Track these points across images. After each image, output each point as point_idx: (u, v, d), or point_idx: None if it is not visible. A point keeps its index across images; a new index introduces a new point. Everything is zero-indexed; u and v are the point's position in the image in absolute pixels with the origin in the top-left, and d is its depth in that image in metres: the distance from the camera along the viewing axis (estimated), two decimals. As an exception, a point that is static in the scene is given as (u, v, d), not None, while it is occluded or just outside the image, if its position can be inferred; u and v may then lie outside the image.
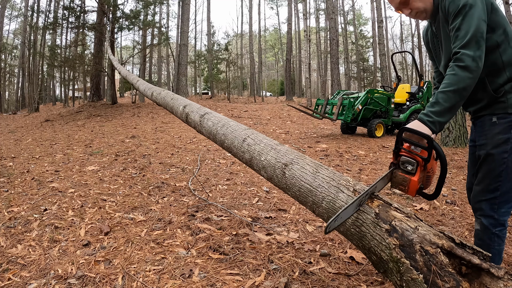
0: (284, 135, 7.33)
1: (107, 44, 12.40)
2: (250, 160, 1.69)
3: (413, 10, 1.34)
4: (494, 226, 1.30)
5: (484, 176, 1.31)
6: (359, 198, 1.13)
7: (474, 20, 1.17)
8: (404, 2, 1.33)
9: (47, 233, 2.21)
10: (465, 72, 1.15)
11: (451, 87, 1.15)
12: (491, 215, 1.30)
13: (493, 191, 1.29)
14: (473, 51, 1.15)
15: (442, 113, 1.16)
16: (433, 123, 1.16)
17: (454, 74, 1.16)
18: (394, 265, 1.04)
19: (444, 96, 1.16)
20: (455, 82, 1.15)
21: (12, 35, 32.04)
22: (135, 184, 3.52)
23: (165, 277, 1.65)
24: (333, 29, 16.09)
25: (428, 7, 1.33)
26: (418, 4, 1.32)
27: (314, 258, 1.84)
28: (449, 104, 1.16)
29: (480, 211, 1.33)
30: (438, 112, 1.16)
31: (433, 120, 1.16)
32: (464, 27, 1.18)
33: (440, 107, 1.16)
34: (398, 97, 8.10)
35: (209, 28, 27.98)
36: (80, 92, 30.93)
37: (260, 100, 23.84)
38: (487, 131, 1.30)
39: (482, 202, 1.32)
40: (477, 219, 1.36)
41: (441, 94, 1.17)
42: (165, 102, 3.06)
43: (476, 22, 1.17)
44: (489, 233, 1.31)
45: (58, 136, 8.06)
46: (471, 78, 1.15)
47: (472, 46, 1.16)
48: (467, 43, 1.16)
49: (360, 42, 29.92)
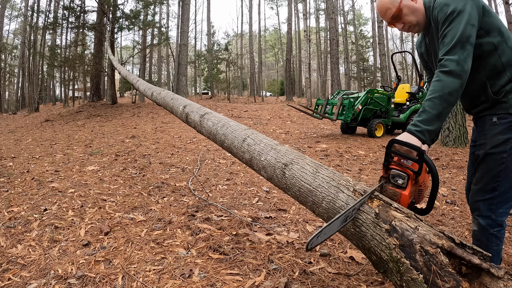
0: (284, 135, 7.33)
1: (107, 44, 12.40)
2: (250, 160, 1.69)
3: (406, 24, 1.34)
4: (492, 227, 1.29)
5: (482, 176, 1.30)
6: (345, 213, 1.08)
7: (461, 25, 1.16)
8: (396, 16, 1.32)
9: (47, 233, 2.21)
10: (449, 77, 1.14)
11: (436, 93, 1.14)
12: (488, 215, 1.29)
13: (491, 191, 1.28)
14: (457, 55, 1.15)
15: (430, 121, 1.14)
16: (421, 133, 1.14)
17: (439, 80, 1.16)
18: (394, 265, 1.04)
19: (430, 104, 1.15)
20: (440, 88, 1.14)
21: (12, 35, 32.06)
22: (135, 184, 3.52)
23: (165, 277, 1.65)
24: (333, 29, 16.09)
25: (420, 20, 1.34)
26: (411, 18, 1.32)
27: (314, 258, 1.84)
28: (436, 111, 1.14)
29: (478, 211, 1.33)
30: (426, 121, 1.14)
31: (421, 129, 1.14)
32: (450, 33, 1.18)
33: (427, 115, 1.14)
34: (398, 97, 8.10)
35: (209, 28, 27.99)
36: (80, 92, 30.92)
37: (260, 100, 23.84)
38: (487, 131, 1.30)
39: (479, 202, 1.31)
40: (474, 219, 1.35)
41: (427, 102, 1.16)
42: (165, 102, 3.06)
43: (463, 28, 1.16)
44: (487, 233, 1.30)
45: (58, 136, 8.06)
46: (455, 82, 1.14)
47: (456, 51, 1.15)
48: (452, 48, 1.16)
49: (360, 42, 29.93)
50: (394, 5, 1.31)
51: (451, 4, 1.19)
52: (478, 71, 1.29)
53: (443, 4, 1.22)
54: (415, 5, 1.31)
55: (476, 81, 1.30)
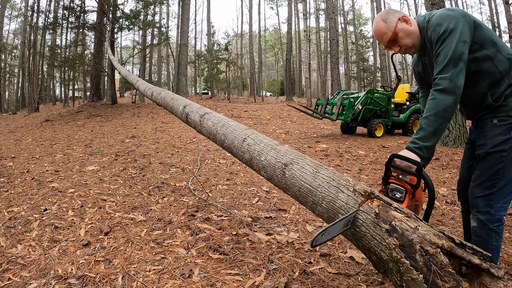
0: (284, 135, 7.33)
1: (107, 44, 12.40)
2: (250, 160, 1.69)
3: (402, 47, 1.40)
4: (491, 222, 1.33)
5: (482, 174, 1.35)
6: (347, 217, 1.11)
7: (453, 43, 1.23)
8: (392, 40, 1.39)
9: (47, 233, 2.21)
10: (443, 94, 1.22)
11: (432, 111, 1.22)
12: (487, 211, 1.33)
13: (490, 188, 1.33)
14: (450, 73, 1.21)
15: (427, 138, 1.23)
16: (419, 149, 1.23)
17: (433, 99, 1.23)
18: (394, 265, 1.04)
19: (427, 121, 1.23)
20: (435, 106, 1.22)
21: (12, 35, 32.03)
22: (135, 184, 3.52)
23: (165, 277, 1.65)
24: (333, 29, 16.10)
25: (416, 42, 1.39)
26: (406, 41, 1.38)
27: (314, 258, 1.84)
28: (432, 128, 1.22)
29: (476, 208, 1.37)
30: (423, 138, 1.23)
31: (419, 146, 1.23)
32: (443, 52, 1.24)
33: (424, 132, 1.23)
34: (398, 97, 8.10)
35: (209, 28, 27.97)
36: (80, 92, 30.91)
37: (260, 100, 23.84)
38: (488, 132, 1.34)
39: (478, 199, 1.36)
40: (473, 216, 1.39)
41: (424, 120, 1.24)
42: (165, 102, 3.06)
43: (454, 46, 1.22)
44: (486, 229, 1.34)
45: (58, 136, 8.06)
46: (449, 99, 1.21)
47: (449, 69, 1.22)
48: (444, 67, 1.23)
49: (360, 42, 29.93)
50: (389, 29, 1.37)
51: (443, 24, 1.26)
52: (479, 83, 1.34)
53: (435, 24, 1.28)
54: (410, 28, 1.37)
55: (477, 93, 1.36)
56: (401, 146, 5.78)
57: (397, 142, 6.24)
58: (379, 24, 1.40)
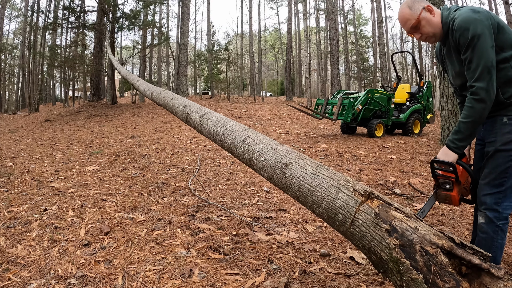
0: (284, 135, 7.33)
1: (107, 44, 12.40)
2: (250, 160, 1.69)
3: (423, 34, 1.47)
4: (499, 219, 1.37)
5: (491, 172, 1.39)
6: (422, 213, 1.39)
7: (484, 50, 1.29)
8: (415, 27, 1.46)
9: (47, 233, 2.21)
10: (481, 104, 1.31)
11: (470, 118, 1.34)
12: (495, 208, 1.37)
13: (498, 186, 1.37)
14: (485, 83, 1.30)
15: (464, 139, 1.39)
16: (457, 148, 1.40)
17: (472, 107, 1.33)
18: (394, 265, 1.04)
19: (465, 126, 1.37)
20: (472, 114, 1.33)
21: (12, 35, 32.01)
22: (135, 184, 3.52)
23: (165, 277, 1.65)
24: (333, 29, 16.09)
25: (437, 32, 1.45)
26: (428, 29, 1.45)
27: (314, 258, 1.84)
28: (469, 132, 1.38)
29: (485, 205, 1.40)
30: (461, 139, 1.40)
31: (457, 145, 1.40)
32: (475, 59, 1.31)
33: (461, 135, 1.39)
34: (398, 97, 8.09)
35: (209, 28, 27.97)
36: (80, 92, 30.90)
37: (260, 100, 23.83)
38: (497, 130, 1.38)
39: (486, 196, 1.39)
40: (481, 212, 1.42)
41: (462, 124, 1.37)
42: (165, 102, 3.06)
43: (485, 53, 1.29)
44: (493, 226, 1.37)
45: (58, 136, 8.06)
46: (485, 107, 1.32)
47: (484, 78, 1.30)
48: (479, 76, 1.30)
49: (360, 42, 29.90)
50: (413, 16, 1.44)
51: (470, 29, 1.31)
52: None
53: (463, 28, 1.32)
54: (433, 18, 1.44)
55: None
56: (401, 146, 5.78)
57: (397, 142, 6.24)
58: (404, 10, 1.45)
